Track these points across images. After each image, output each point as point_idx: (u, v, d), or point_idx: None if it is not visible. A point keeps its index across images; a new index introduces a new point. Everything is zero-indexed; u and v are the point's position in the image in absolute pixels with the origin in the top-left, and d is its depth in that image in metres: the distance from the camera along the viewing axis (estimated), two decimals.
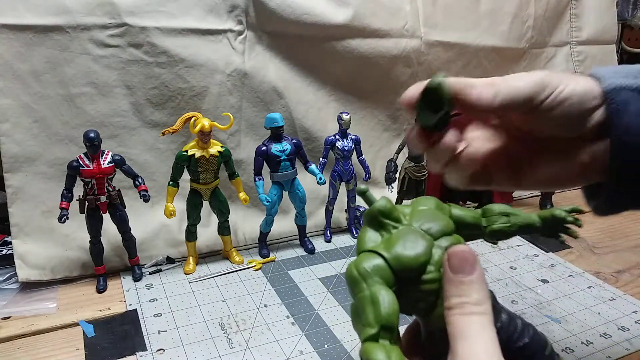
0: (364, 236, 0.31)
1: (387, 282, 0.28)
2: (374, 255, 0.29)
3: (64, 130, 0.92)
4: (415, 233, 0.30)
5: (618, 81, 0.37)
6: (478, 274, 0.29)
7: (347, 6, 1.08)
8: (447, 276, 0.29)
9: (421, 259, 0.29)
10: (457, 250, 0.29)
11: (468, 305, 0.27)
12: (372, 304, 0.28)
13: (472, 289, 0.28)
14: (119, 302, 0.84)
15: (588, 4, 1.46)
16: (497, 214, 0.35)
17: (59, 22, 0.89)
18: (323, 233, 1.09)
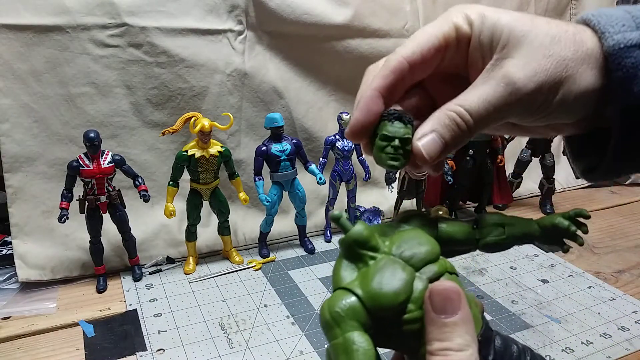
0: (339, 269, 0.28)
1: (363, 325, 0.25)
2: (348, 294, 0.26)
3: (64, 130, 0.92)
4: (394, 265, 0.26)
5: (626, 37, 0.27)
6: (462, 314, 0.25)
7: (347, 6, 1.08)
8: (429, 316, 0.25)
9: (400, 297, 0.25)
10: (439, 289, 0.25)
11: (451, 352, 0.24)
12: (346, 354, 0.25)
13: (455, 333, 0.25)
14: (119, 302, 0.84)
15: (588, 4, 1.46)
16: (491, 225, 0.32)
17: (59, 22, 0.89)
18: (323, 233, 1.09)
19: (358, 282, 0.26)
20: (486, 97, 0.28)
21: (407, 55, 0.29)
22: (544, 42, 0.28)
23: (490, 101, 0.28)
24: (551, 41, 0.28)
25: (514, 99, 0.28)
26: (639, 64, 0.27)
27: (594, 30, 0.29)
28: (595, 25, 0.29)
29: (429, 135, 0.29)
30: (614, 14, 0.28)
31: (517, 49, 0.28)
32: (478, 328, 0.26)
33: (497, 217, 0.32)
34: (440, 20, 0.31)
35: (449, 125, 0.28)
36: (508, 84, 0.28)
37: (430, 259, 0.27)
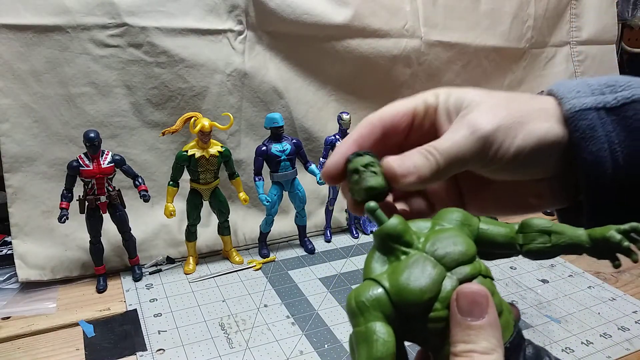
0: (370, 260, 0.28)
1: (387, 317, 0.25)
2: (376, 286, 0.26)
3: (64, 130, 0.92)
4: (425, 262, 0.26)
5: (580, 101, 0.31)
6: (490, 318, 0.25)
7: (347, 6, 1.08)
8: (455, 318, 0.25)
9: (426, 295, 0.25)
10: (467, 292, 0.25)
11: (476, 355, 0.24)
12: (366, 342, 0.25)
13: (481, 336, 0.24)
14: (119, 302, 0.84)
15: (588, 4, 1.46)
16: (537, 231, 0.30)
17: (59, 22, 0.89)
18: (323, 233, 1.09)
19: (387, 275, 0.27)
20: (453, 138, 0.30)
21: (381, 115, 0.33)
22: (502, 101, 0.32)
23: (456, 141, 0.30)
24: (508, 99, 0.32)
25: (476, 138, 0.30)
26: (594, 126, 0.30)
27: (555, 97, 0.32)
28: (556, 93, 0.32)
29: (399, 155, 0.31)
30: (572, 83, 0.32)
31: (478, 106, 0.31)
32: (508, 334, 0.26)
33: (543, 223, 0.30)
34: (413, 96, 0.34)
35: (419, 154, 0.31)
36: (469, 127, 0.30)
37: (464, 260, 0.27)
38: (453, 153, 0.30)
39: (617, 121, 0.31)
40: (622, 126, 0.30)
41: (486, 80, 1.32)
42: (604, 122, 0.30)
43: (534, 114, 0.31)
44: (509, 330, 0.26)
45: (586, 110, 0.31)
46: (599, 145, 0.30)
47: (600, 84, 0.32)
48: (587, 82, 0.32)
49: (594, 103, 0.31)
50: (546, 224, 0.30)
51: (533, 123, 0.31)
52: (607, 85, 0.32)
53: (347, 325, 0.78)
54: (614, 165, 0.31)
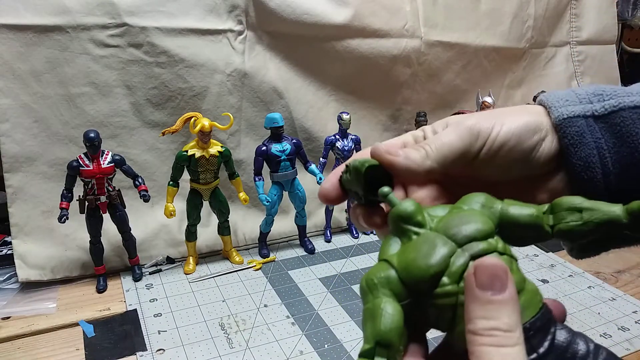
0: (385, 244, 0.28)
1: (396, 295, 0.25)
2: (386, 266, 0.26)
3: (64, 130, 0.92)
4: (434, 239, 0.26)
5: (568, 110, 0.32)
6: (510, 293, 0.24)
7: (347, 6, 1.08)
8: (472, 293, 0.24)
9: (432, 269, 0.25)
10: (486, 264, 0.24)
11: (498, 332, 0.23)
12: (372, 318, 0.25)
13: (503, 311, 0.23)
14: (119, 302, 0.84)
15: (588, 4, 1.46)
16: (567, 209, 0.27)
17: (59, 22, 0.89)
18: (323, 233, 1.09)
19: (397, 255, 0.27)
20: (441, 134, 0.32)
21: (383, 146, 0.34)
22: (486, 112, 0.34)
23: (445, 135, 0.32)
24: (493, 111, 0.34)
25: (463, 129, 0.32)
26: (582, 132, 0.31)
27: (543, 106, 0.34)
28: (544, 102, 0.33)
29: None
30: (560, 93, 0.33)
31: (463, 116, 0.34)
32: (529, 314, 0.25)
33: (574, 200, 0.28)
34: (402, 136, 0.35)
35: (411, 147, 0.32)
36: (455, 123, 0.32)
37: (477, 236, 0.26)
38: (444, 144, 0.31)
39: (606, 128, 0.31)
40: (611, 133, 0.31)
41: (486, 80, 1.32)
42: (592, 129, 0.31)
43: (519, 110, 0.34)
44: (531, 310, 0.25)
45: (574, 117, 0.32)
46: (587, 151, 0.31)
47: (587, 93, 0.33)
48: (574, 91, 0.33)
49: (582, 111, 0.32)
50: (576, 200, 0.28)
51: (519, 114, 0.33)
52: (594, 94, 0.32)
53: (347, 325, 0.79)
54: (604, 171, 0.31)
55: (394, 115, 1.23)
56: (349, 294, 0.87)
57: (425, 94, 1.26)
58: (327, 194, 0.33)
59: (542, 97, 0.34)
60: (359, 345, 0.74)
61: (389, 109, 1.22)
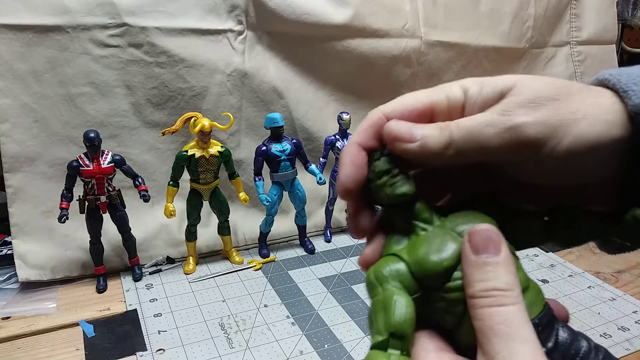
0: (391, 238, 0.28)
1: (407, 289, 0.26)
2: (395, 259, 0.27)
3: (64, 130, 0.92)
4: (444, 235, 0.26)
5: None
6: (505, 255, 0.24)
7: (347, 6, 1.08)
8: (468, 259, 0.24)
9: (444, 263, 0.25)
10: (479, 229, 0.24)
11: (497, 292, 0.23)
12: (384, 309, 0.25)
13: (499, 272, 0.23)
14: (119, 302, 0.84)
15: (588, 4, 1.46)
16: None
17: (59, 22, 0.89)
18: (323, 233, 1.09)
19: (406, 249, 0.27)
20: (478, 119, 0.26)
21: (386, 112, 0.28)
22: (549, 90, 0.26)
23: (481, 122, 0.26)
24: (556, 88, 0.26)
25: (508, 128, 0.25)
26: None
27: (613, 90, 0.26)
28: (616, 84, 0.26)
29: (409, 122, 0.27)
30: (634, 72, 0.26)
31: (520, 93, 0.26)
32: (536, 310, 0.25)
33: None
34: (433, 88, 0.29)
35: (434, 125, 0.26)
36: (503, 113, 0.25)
37: None
38: (474, 135, 0.25)
39: None
40: None
41: None
42: None
43: (587, 110, 0.25)
44: (538, 306, 0.25)
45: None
46: None
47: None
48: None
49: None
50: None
51: (587, 122, 0.25)
52: None
53: (347, 325, 0.79)
54: None
55: None
56: (349, 294, 0.87)
57: None
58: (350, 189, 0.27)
59: (609, 76, 0.27)
60: (359, 345, 0.74)
61: None
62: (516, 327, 0.22)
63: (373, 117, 0.28)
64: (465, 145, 0.25)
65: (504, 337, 0.22)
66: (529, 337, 0.22)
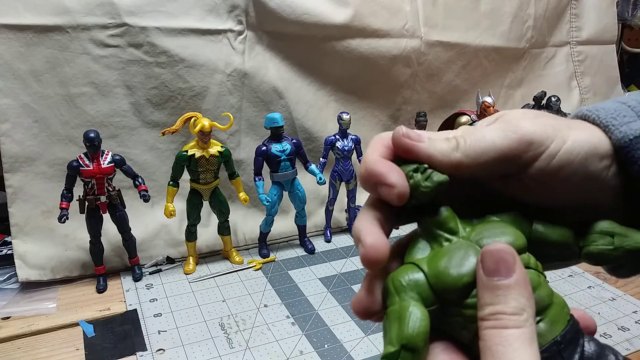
0: (414, 246, 0.27)
1: (424, 300, 0.25)
2: (415, 269, 0.26)
3: (64, 130, 0.92)
4: (467, 249, 0.26)
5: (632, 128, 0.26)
6: (518, 276, 0.23)
7: (347, 6, 1.08)
8: (481, 281, 0.24)
9: (464, 279, 0.24)
10: (492, 249, 0.24)
11: (504, 316, 0.23)
12: (398, 320, 0.24)
13: (509, 295, 0.23)
14: (119, 302, 0.84)
15: (588, 4, 1.46)
16: (599, 232, 0.28)
17: (59, 22, 0.89)
18: (323, 233, 1.09)
19: (427, 260, 0.26)
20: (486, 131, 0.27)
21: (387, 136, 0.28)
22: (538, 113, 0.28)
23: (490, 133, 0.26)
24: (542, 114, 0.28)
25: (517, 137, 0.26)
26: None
27: (595, 125, 0.27)
28: (596, 119, 0.27)
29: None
30: (610, 106, 0.28)
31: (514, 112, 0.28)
32: (559, 328, 0.24)
33: (605, 225, 0.28)
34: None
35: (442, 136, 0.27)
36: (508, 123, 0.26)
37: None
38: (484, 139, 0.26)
39: None
40: None
41: (486, 80, 1.32)
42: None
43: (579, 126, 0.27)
44: (561, 323, 0.25)
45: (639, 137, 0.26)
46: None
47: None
48: (624, 103, 0.28)
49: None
50: (609, 225, 0.28)
51: (584, 130, 0.27)
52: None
53: (347, 325, 0.79)
54: None
55: (394, 116, 1.23)
56: (349, 294, 0.87)
57: (425, 94, 1.26)
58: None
59: (587, 112, 0.28)
60: (359, 345, 0.74)
61: (389, 109, 1.22)
62: (515, 350, 0.22)
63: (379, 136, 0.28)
64: (475, 147, 0.26)
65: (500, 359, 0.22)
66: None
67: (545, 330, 0.24)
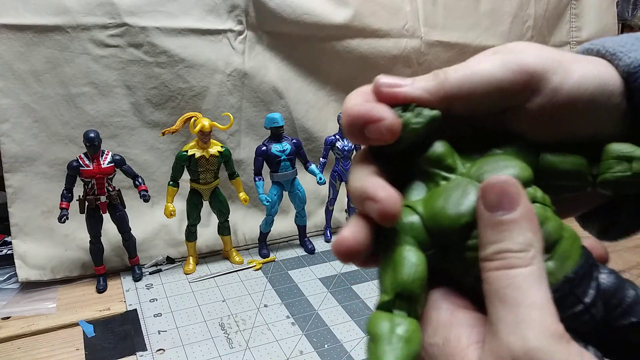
0: (409, 188, 0.25)
1: (420, 245, 0.23)
2: (410, 212, 0.23)
3: (64, 130, 0.92)
4: (466, 186, 0.23)
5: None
6: (523, 209, 0.21)
7: (347, 6, 1.08)
8: (483, 217, 0.21)
9: (462, 220, 0.22)
10: (493, 181, 0.21)
11: (509, 254, 0.20)
12: (392, 267, 0.22)
13: (514, 231, 0.21)
14: (119, 302, 0.84)
15: (588, 4, 1.46)
16: (615, 157, 0.24)
17: (59, 22, 0.89)
18: (323, 233, 1.09)
19: (422, 201, 0.24)
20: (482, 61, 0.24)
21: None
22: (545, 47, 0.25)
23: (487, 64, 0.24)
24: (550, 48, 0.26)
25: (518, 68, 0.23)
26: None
27: (600, 56, 0.25)
28: (601, 49, 0.25)
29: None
30: (617, 38, 0.26)
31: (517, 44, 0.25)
32: (571, 264, 0.22)
33: (623, 147, 0.25)
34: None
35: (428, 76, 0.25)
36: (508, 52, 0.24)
37: None
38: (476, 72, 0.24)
39: None
40: None
41: None
42: None
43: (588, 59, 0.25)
44: (573, 258, 0.23)
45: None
46: None
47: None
48: (632, 36, 0.25)
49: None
50: (626, 148, 0.25)
51: (592, 65, 0.24)
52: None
53: (347, 325, 0.79)
54: None
55: None
56: (349, 294, 0.87)
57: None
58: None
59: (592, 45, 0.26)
60: (359, 345, 0.74)
61: None
62: (524, 291, 0.20)
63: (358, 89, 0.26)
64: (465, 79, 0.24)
65: (509, 303, 0.20)
66: (538, 302, 0.19)
67: (555, 268, 0.22)
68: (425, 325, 0.22)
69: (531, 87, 0.23)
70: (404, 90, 0.24)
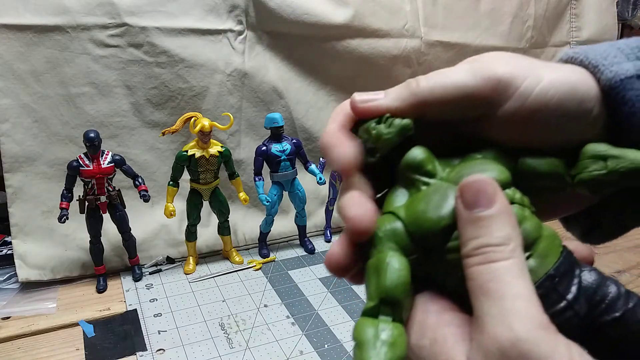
0: (391, 195, 0.25)
1: (403, 250, 0.23)
2: (392, 218, 0.24)
3: (64, 130, 0.92)
4: (446, 190, 0.24)
5: (622, 68, 0.24)
6: (500, 206, 0.22)
7: (347, 6, 1.08)
8: (461, 216, 0.22)
9: (442, 222, 0.23)
10: (470, 181, 0.22)
11: (489, 248, 0.21)
12: (376, 273, 0.23)
13: (493, 226, 0.21)
14: (119, 302, 0.84)
15: (588, 4, 1.46)
16: (590, 157, 0.25)
17: (59, 22, 0.89)
18: (323, 233, 1.09)
19: (404, 207, 0.25)
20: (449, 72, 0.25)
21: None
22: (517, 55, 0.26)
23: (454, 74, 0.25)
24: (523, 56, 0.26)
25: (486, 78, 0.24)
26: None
27: (583, 66, 0.26)
28: (584, 60, 0.26)
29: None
30: (599, 48, 0.26)
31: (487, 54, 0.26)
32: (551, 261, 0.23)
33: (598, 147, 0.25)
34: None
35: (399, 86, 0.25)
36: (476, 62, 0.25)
37: None
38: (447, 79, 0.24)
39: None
40: None
41: None
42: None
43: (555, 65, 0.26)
44: (552, 256, 0.23)
45: (630, 78, 0.24)
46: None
47: (631, 47, 0.26)
48: (614, 45, 0.26)
49: (635, 70, 0.24)
50: (601, 147, 0.25)
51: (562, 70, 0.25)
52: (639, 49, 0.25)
53: (347, 325, 0.79)
54: None
55: None
56: (349, 294, 0.87)
57: None
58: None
59: (574, 54, 0.26)
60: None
61: None
62: (508, 283, 0.20)
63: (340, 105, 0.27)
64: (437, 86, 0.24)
65: (493, 296, 0.20)
66: (522, 293, 0.20)
67: (536, 265, 0.22)
68: (413, 328, 0.23)
69: (499, 93, 0.24)
70: (375, 104, 0.25)
